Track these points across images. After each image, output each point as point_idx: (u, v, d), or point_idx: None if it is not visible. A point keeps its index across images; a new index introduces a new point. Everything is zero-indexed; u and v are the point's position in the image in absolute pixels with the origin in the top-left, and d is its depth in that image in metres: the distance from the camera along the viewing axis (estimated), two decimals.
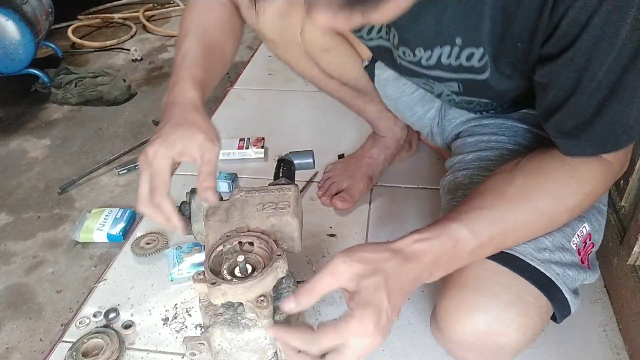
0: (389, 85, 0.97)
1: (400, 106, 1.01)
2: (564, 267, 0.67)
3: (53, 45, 1.99)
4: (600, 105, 0.58)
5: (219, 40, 0.80)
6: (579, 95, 0.58)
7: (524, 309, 0.64)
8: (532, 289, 0.65)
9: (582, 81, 0.57)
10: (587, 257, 0.72)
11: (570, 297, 0.67)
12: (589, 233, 0.72)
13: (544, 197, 0.62)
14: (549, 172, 0.63)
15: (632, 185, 0.83)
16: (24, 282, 1.01)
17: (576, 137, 0.61)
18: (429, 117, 1.01)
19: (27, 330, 0.91)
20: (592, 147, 0.62)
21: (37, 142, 1.49)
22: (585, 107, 0.59)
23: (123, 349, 0.82)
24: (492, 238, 0.60)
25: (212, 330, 0.65)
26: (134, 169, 1.31)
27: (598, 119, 0.59)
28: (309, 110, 1.47)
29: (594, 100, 0.58)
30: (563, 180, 0.62)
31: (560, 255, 0.68)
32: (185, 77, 0.72)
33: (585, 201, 0.64)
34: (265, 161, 1.26)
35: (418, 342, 0.80)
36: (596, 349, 0.78)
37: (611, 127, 0.59)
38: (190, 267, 0.94)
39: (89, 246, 1.08)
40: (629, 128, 0.59)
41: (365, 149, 1.15)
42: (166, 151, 0.65)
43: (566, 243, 0.69)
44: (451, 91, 0.79)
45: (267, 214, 0.70)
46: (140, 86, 1.77)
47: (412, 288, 0.57)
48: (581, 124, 0.60)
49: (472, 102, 0.83)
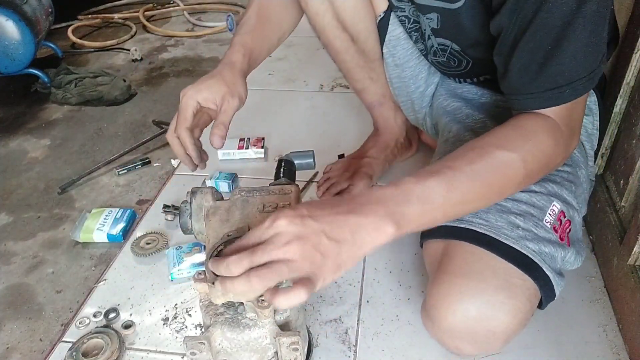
0: (399, 46, 0.98)
1: (406, 74, 1.01)
2: (539, 243, 0.68)
3: (53, 45, 1.99)
4: (544, 59, 0.62)
5: (278, 13, 0.94)
6: (523, 47, 0.63)
7: (512, 292, 0.64)
8: (516, 271, 0.65)
9: (525, 33, 0.62)
10: (565, 234, 0.73)
11: (553, 275, 0.67)
12: (562, 211, 0.73)
13: (489, 145, 0.62)
14: (491, 130, 0.65)
15: (632, 185, 0.83)
16: (24, 282, 1.01)
17: (524, 92, 0.65)
18: (428, 95, 1.03)
19: (27, 330, 0.91)
20: (538, 100, 0.65)
21: (37, 142, 1.49)
22: (530, 61, 0.63)
23: (123, 349, 0.82)
24: (439, 181, 0.57)
25: (213, 330, 0.65)
26: (134, 169, 1.31)
27: (542, 72, 0.63)
28: (309, 110, 1.47)
29: (538, 53, 0.62)
30: (505, 131, 0.65)
31: (534, 232, 0.68)
32: (235, 42, 0.87)
33: (538, 149, 0.63)
34: (265, 161, 1.26)
35: (418, 342, 0.80)
36: (596, 349, 0.78)
37: (554, 79, 0.63)
38: (190, 267, 0.94)
39: (89, 246, 1.08)
40: (572, 83, 0.62)
41: (365, 149, 1.15)
42: (193, 94, 0.79)
43: (538, 221, 0.70)
44: (431, 29, 0.83)
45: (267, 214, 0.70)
46: (140, 86, 1.78)
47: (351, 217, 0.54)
48: (527, 78, 0.64)
49: (446, 48, 0.85)
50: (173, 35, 2.18)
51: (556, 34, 0.60)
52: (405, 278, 0.92)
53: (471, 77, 0.93)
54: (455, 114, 0.93)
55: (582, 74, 0.62)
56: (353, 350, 0.80)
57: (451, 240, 0.71)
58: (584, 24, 0.60)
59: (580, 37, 0.60)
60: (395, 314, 0.85)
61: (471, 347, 0.68)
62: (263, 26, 0.91)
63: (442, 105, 0.99)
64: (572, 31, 0.60)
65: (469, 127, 0.88)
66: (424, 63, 1.00)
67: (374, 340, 0.81)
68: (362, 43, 0.99)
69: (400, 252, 0.96)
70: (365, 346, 0.81)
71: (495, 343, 0.66)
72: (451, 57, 0.88)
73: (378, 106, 1.10)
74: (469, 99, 0.94)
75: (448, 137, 0.91)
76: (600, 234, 0.92)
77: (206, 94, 0.79)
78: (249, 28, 0.89)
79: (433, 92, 1.03)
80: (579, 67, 0.62)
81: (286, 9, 0.95)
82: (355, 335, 0.82)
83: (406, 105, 1.08)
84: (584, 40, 0.61)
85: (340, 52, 1.01)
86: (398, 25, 0.96)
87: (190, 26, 2.28)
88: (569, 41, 0.60)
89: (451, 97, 0.97)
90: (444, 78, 1.02)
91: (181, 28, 2.26)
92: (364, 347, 0.80)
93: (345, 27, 0.97)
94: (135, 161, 1.32)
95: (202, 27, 2.25)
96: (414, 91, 1.03)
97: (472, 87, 0.95)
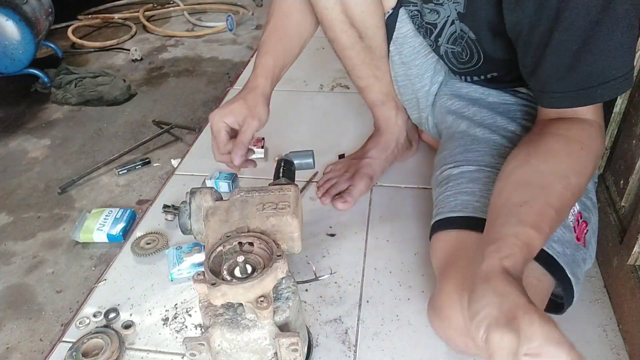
0: (407, 44, 0.98)
1: (412, 72, 1.01)
2: (563, 245, 0.67)
3: (53, 45, 1.99)
4: (574, 58, 0.61)
5: (297, 22, 0.98)
6: (552, 45, 0.62)
7: None
8: (536, 269, 0.64)
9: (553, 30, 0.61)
10: (582, 235, 0.73)
11: (574, 279, 0.67)
12: (579, 212, 0.73)
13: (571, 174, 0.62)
14: (560, 153, 0.64)
15: (632, 185, 0.83)
16: (24, 282, 1.01)
17: (555, 90, 0.65)
18: (432, 93, 1.02)
19: (27, 330, 0.91)
20: (569, 99, 0.64)
21: (37, 142, 1.49)
22: (560, 61, 0.62)
23: (123, 349, 0.82)
24: (552, 228, 0.59)
25: (212, 331, 0.65)
26: (134, 169, 1.31)
27: (573, 71, 0.62)
28: (309, 110, 1.47)
29: (568, 53, 0.61)
30: (577, 154, 0.63)
31: (560, 232, 0.68)
32: (257, 64, 0.95)
33: (596, 163, 0.66)
34: (266, 161, 1.26)
35: (418, 342, 0.80)
36: (596, 349, 0.78)
37: (586, 79, 0.62)
38: (190, 267, 0.94)
39: (89, 246, 1.08)
40: (605, 83, 0.62)
41: (366, 150, 1.15)
42: (220, 118, 0.90)
43: (566, 220, 0.69)
44: (457, 13, 0.82)
45: (267, 214, 0.70)
46: (140, 86, 1.78)
47: None
48: (558, 76, 0.64)
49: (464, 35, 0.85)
50: (173, 35, 2.18)
51: (584, 32, 0.59)
52: (405, 278, 0.92)
53: (478, 75, 0.92)
54: (461, 112, 0.93)
55: (616, 74, 0.61)
56: (353, 350, 0.80)
57: (465, 231, 0.70)
58: (614, 23, 0.58)
59: (611, 36, 0.59)
60: (395, 314, 0.85)
61: None
62: (284, 41, 0.96)
63: (445, 104, 0.98)
64: (601, 30, 0.58)
65: (478, 123, 0.88)
66: (430, 61, 1.00)
67: (374, 340, 0.81)
68: (369, 39, 0.98)
69: (400, 252, 0.96)
70: (365, 346, 0.81)
71: None
72: (466, 47, 0.87)
73: (380, 105, 1.09)
74: (475, 98, 0.93)
75: (454, 134, 0.90)
76: (600, 234, 0.92)
77: (230, 118, 0.90)
78: (270, 47, 0.95)
79: (436, 91, 1.03)
80: (612, 67, 0.61)
81: (305, 17, 0.98)
82: (355, 335, 0.82)
83: (411, 103, 1.08)
84: (617, 39, 0.59)
85: (346, 47, 1.00)
86: (406, 23, 0.96)
87: (190, 26, 2.28)
88: (598, 40, 0.59)
89: (455, 97, 0.97)
90: (448, 78, 1.02)
91: (181, 28, 2.26)
92: (364, 347, 0.80)
93: (353, 22, 0.96)
94: (135, 161, 1.32)
95: (202, 27, 2.24)
96: (419, 89, 1.03)
97: (478, 87, 0.94)
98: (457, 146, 0.86)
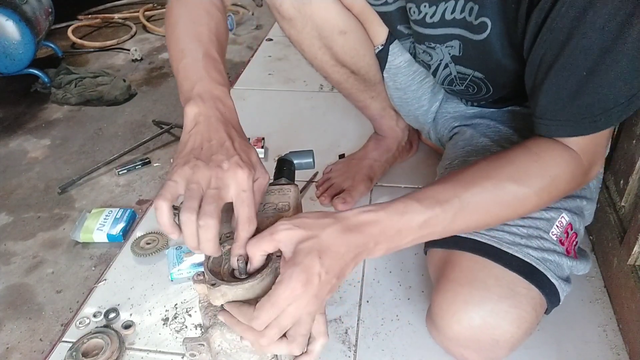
0: (400, 73, 0.96)
1: (408, 96, 0.99)
2: (543, 252, 0.67)
3: (53, 45, 1.99)
4: (579, 86, 0.57)
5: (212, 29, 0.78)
6: (555, 71, 0.58)
7: (516, 301, 0.64)
8: (520, 280, 0.65)
9: (559, 56, 0.57)
10: (572, 248, 0.72)
11: (558, 282, 0.67)
12: (569, 223, 0.72)
13: (506, 179, 0.60)
14: (510, 157, 0.62)
15: (632, 185, 0.83)
16: (24, 282, 1.01)
17: (553, 118, 0.61)
18: (432, 112, 1.01)
19: (27, 330, 0.91)
20: (566, 128, 0.61)
21: (37, 142, 1.49)
22: (563, 87, 0.59)
23: (123, 349, 0.82)
24: (445, 211, 0.58)
25: (212, 331, 0.65)
26: (134, 169, 1.31)
27: (576, 100, 0.58)
28: (309, 110, 1.47)
29: (572, 80, 0.57)
30: (525, 163, 0.62)
31: (537, 242, 0.68)
32: None
33: (554, 186, 0.62)
34: (266, 161, 1.26)
35: (418, 342, 0.80)
36: (596, 349, 0.78)
37: (588, 109, 0.58)
38: (190, 267, 0.94)
39: (89, 246, 1.08)
40: (607, 111, 0.58)
41: (367, 151, 1.15)
42: None
43: (544, 234, 0.69)
44: (451, 56, 0.79)
45: (267, 215, 0.70)
46: (140, 86, 1.78)
47: (355, 257, 0.56)
48: (558, 105, 0.60)
49: (466, 76, 0.82)
50: None
51: (593, 60, 0.55)
52: (405, 278, 0.92)
53: (486, 100, 0.89)
54: (465, 123, 0.92)
55: (619, 100, 0.57)
56: (353, 350, 0.80)
57: (453, 250, 0.70)
58: (626, 50, 0.54)
59: (621, 63, 0.54)
60: (395, 314, 0.85)
61: (476, 355, 0.68)
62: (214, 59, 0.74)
63: (448, 121, 0.97)
64: (612, 58, 0.54)
65: (482, 133, 0.87)
66: (427, 85, 0.97)
67: (374, 340, 0.81)
68: (362, 74, 0.98)
69: (400, 252, 0.95)
70: (365, 346, 0.81)
71: (500, 351, 0.66)
72: (471, 85, 0.84)
73: (379, 119, 1.09)
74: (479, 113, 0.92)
75: (458, 141, 0.89)
76: (600, 234, 0.92)
77: None
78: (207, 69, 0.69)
79: (437, 108, 1.01)
80: (617, 94, 0.57)
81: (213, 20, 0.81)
82: (355, 335, 0.82)
83: (409, 119, 1.07)
84: (625, 66, 0.55)
85: (340, 82, 1.00)
86: (398, 55, 0.93)
87: None
88: (607, 68, 0.55)
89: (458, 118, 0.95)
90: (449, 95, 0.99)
91: None
92: (364, 347, 0.80)
93: (344, 64, 0.96)
94: (135, 161, 1.32)
95: None
96: (417, 109, 1.01)
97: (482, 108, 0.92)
98: (456, 157, 0.86)
